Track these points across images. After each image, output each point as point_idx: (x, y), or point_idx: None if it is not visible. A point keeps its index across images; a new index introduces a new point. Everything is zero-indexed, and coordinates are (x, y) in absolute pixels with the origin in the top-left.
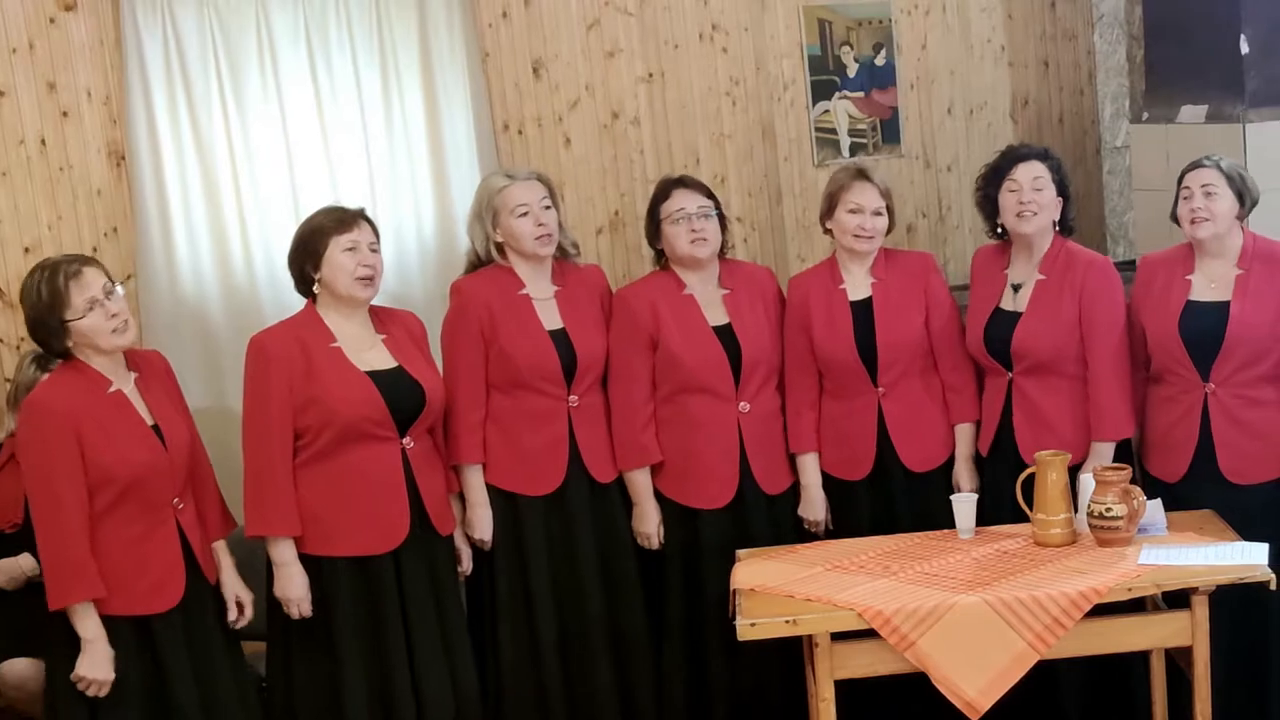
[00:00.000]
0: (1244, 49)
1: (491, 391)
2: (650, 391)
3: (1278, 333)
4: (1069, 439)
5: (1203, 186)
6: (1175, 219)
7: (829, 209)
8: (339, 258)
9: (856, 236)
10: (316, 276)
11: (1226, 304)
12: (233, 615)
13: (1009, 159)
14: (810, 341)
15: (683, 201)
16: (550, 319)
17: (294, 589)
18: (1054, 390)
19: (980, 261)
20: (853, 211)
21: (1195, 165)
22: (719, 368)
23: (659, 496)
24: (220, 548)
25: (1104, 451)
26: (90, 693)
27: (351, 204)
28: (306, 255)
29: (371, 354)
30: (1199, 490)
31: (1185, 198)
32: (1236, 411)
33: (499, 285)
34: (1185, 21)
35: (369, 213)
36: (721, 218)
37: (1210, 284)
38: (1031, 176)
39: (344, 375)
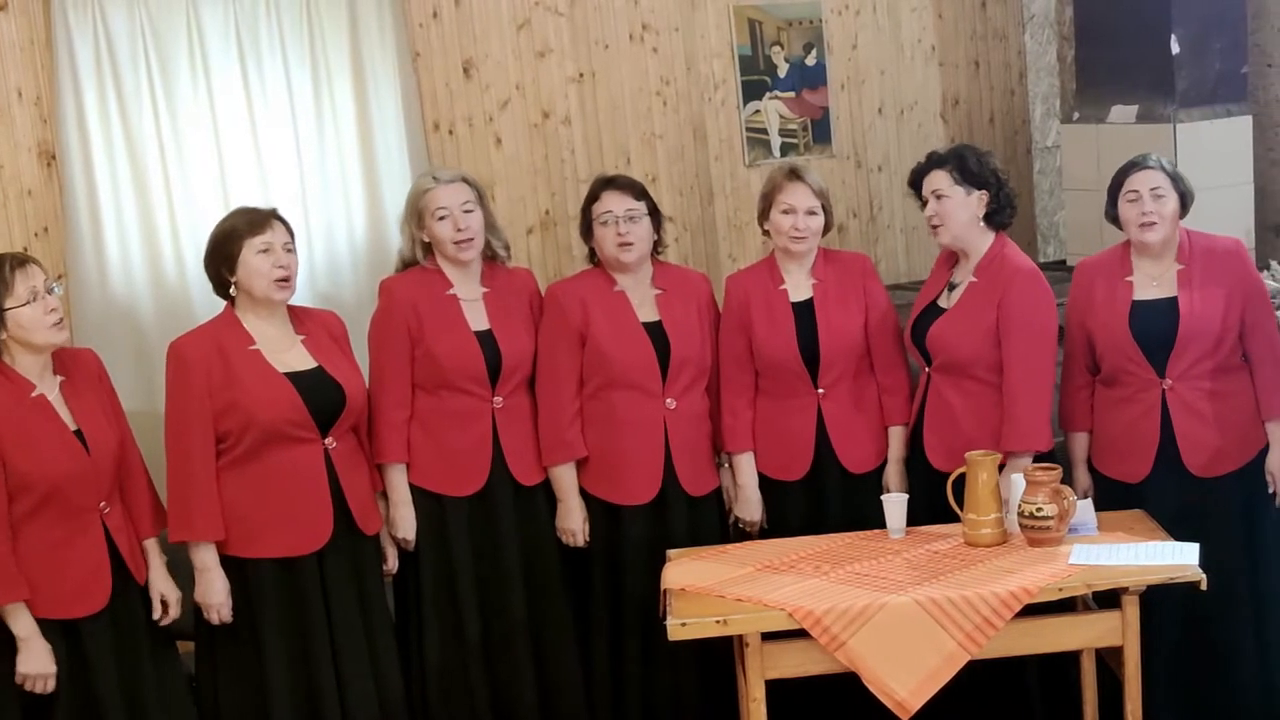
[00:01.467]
0: (1174, 49)
1: (417, 391)
2: (577, 388)
3: (1228, 322)
4: (975, 443)
5: (1152, 189)
6: (1113, 219)
7: (764, 210)
8: (253, 260)
9: (792, 238)
10: (233, 280)
11: (1174, 300)
12: (157, 613)
13: (919, 170)
14: (749, 342)
15: (610, 204)
16: (477, 320)
17: (214, 594)
18: (965, 393)
19: (940, 258)
20: (786, 212)
21: (1139, 166)
22: (647, 363)
23: (584, 494)
24: (151, 546)
25: (1020, 464)
26: (36, 689)
27: (266, 204)
28: (221, 259)
29: (291, 355)
30: (1164, 488)
31: (1132, 200)
32: (1196, 405)
33: (427, 285)
34: (1116, 22)
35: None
36: (657, 217)
37: (1153, 282)
38: (931, 189)
39: (263, 378)
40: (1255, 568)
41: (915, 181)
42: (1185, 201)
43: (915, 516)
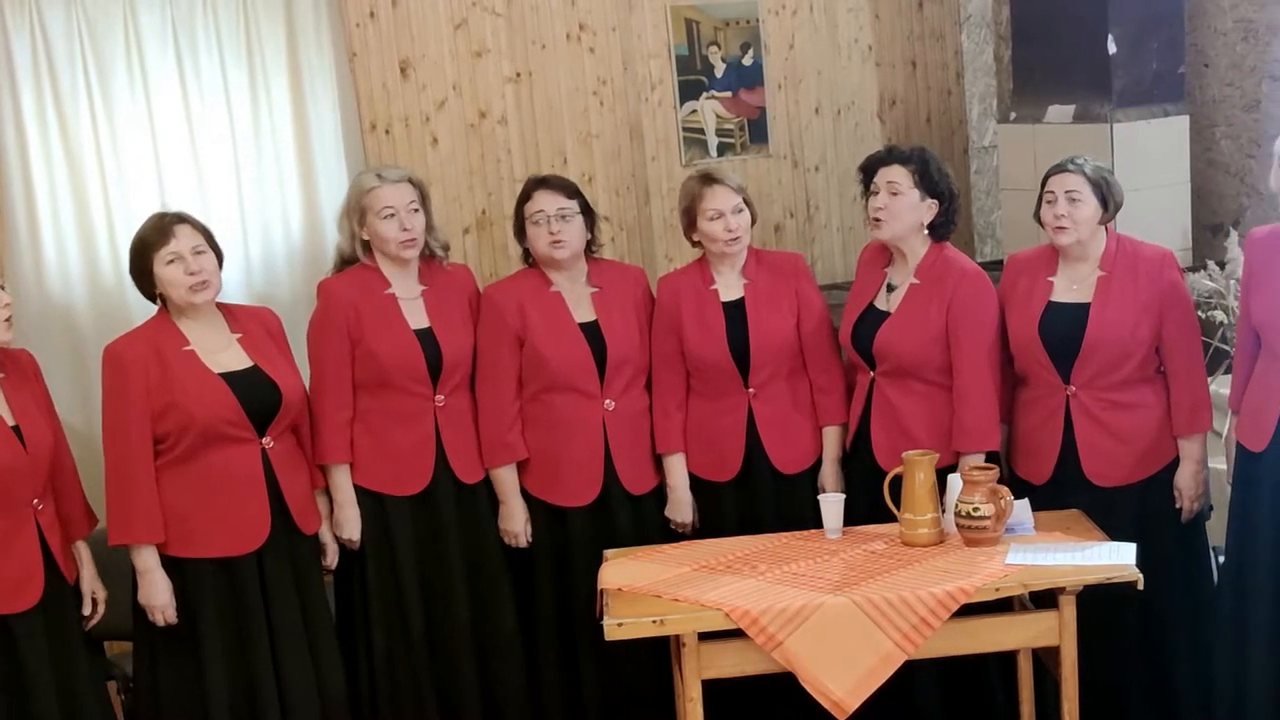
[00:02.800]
0: (1111, 49)
1: (358, 391)
2: (517, 390)
3: (1139, 336)
4: (925, 445)
5: (1067, 193)
6: (1039, 220)
7: (690, 222)
8: (164, 272)
9: (727, 241)
10: (157, 291)
11: (1087, 306)
12: (87, 610)
13: (871, 162)
14: (680, 342)
15: (542, 203)
16: (416, 319)
17: (158, 596)
18: (912, 394)
19: (865, 258)
20: (714, 218)
21: (1060, 169)
22: (584, 365)
23: (526, 495)
24: (81, 547)
25: (972, 463)
26: None
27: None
28: (138, 273)
29: (226, 355)
30: (1064, 493)
31: (1049, 202)
32: (1098, 414)
33: (365, 285)
34: (1052, 22)
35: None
36: (590, 216)
37: (1072, 286)
38: (886, 180)
39: (198, 378)
40: (1151, 579)
41: (870, 169)
42: (1108, 205)
43: (858, 516)
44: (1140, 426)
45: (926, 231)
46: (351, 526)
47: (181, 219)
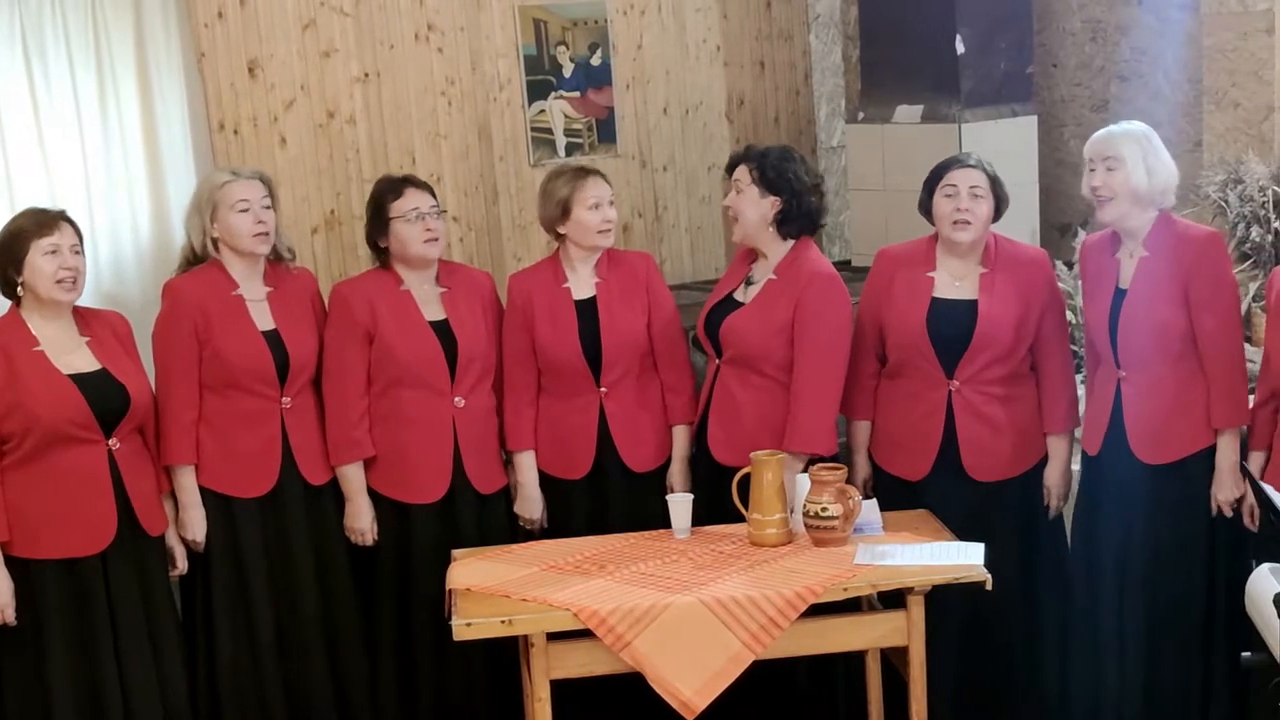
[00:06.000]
0: (959, 49)
1: (204, 392)
2: (365, 387)
3: (1022, 332)
4: (756, 439)
5: (971, 188)
6: (926, 212)
7: (563, 213)
8: (39, 261)
9: (602, 231)
10: (19, 280)
11: (974, 302)
12: None
13: (732, 163)
14: (532, 340)
15: (416, 201)
16: (263, 320)
17: None
18: (751, 387)
19: (739, 256)
20: (593, 207)
21: (961, 163)
22: (434, 362)
23: (372, 493)
24: None
25: (794, 464)
26: None
27: (52, 203)
28: (8, 259)
29: (75, 356)
30: (942, 488)
31: (949, 195)
32: (980, 408)
33: (212, 285)
34: (901, 22)
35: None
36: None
37: (955, 282)
38: (734, 179)
39: (46, 379)
40: (1031, 574)
41: (730, 168)
42: (1000, 207)
43: (696, 513)
44: (1018, 421)
45: (774, 229)
46: (196, 528)
47: (66, 217)
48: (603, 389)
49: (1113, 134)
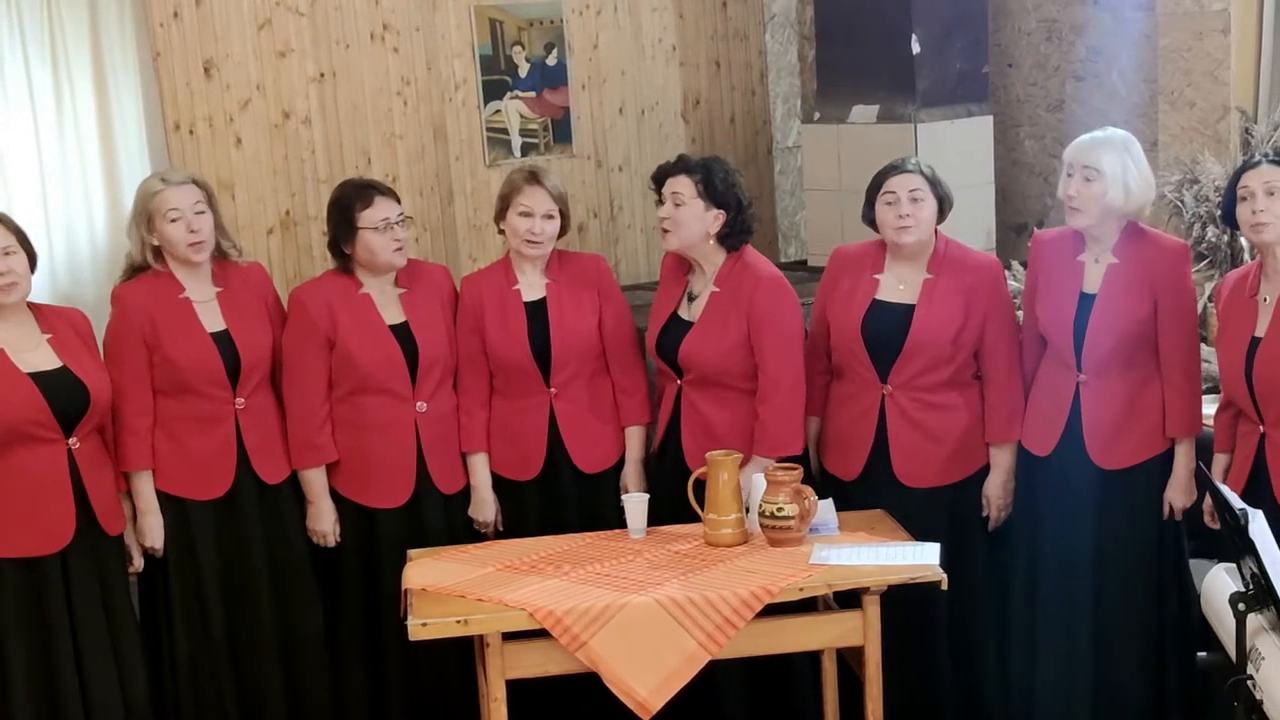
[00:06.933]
0: (915, 49)
1: (158, 397)
2: (326, 392)
3: (962, 340)
4: (733, 449)
5: (910, 192)
6: (869, 221)
7: (502, 210)
8: None
9: (527, 241)
10: None
11: (912, 307)
12: None
13: (660, 173)
14: (483, 342)
15: (386, 210)
16: (212, 321)
17: None
18: (721, 402)
19: (667, 267)
20: (523, 215)
21: (897, 169)
22: (395, 367)
23: (335, 495)
24: None
25: (763, 464)
26: None
27: (9, 204)
28: None
29: (35, 354)
30: (872, 490)
31: (889, 203)
32: (912, 414)
33: (159, 291)
34: (856, 22)
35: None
36: None
37: (899, 285)
38: (671, 191)
39: (6, 377)
40: (958, 580)
41: (660, 179)
42: (944, 206)
43: (660, 517)
44: (951, 430)
45: (715, 241)
46: (154, 535)
47: (2, 218)
48: (553, 390)
49: (1096, 142)
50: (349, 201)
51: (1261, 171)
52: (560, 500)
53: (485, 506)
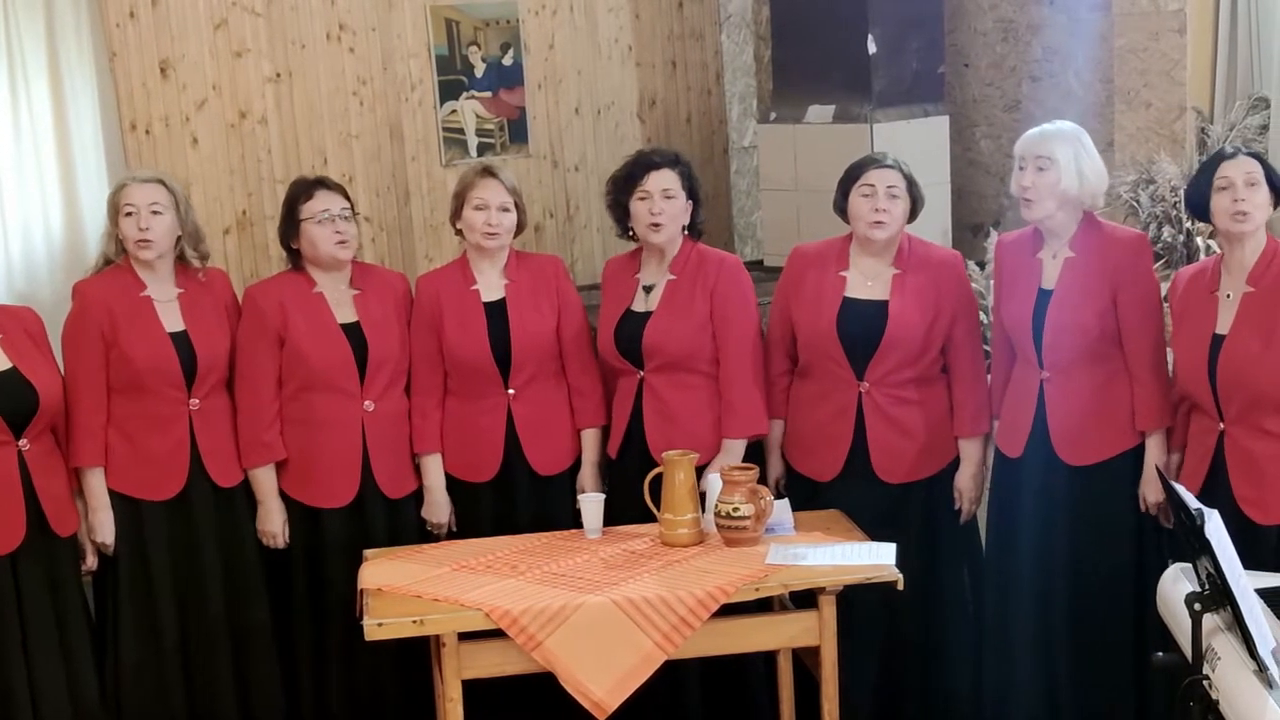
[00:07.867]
0: (871, 49)
1: (112, 395)
2: (276, 390)
3: (933, 335)
4: (700, 436)
5: (889, 188)
6: (840, 211)
7: (458, 208)
8: None
9: (485, 234)
10: None
11: (885, 303)
12: None
13: (640, 166)
14: (440, 342)
15: (326, 203)
16: (171, 321)
17: None
18: (685, 387)
19: (611, 271)
20: (479, 208)
21: (878, 163)
22: (345, 364)
23: (284, 496)
24: None
25: (734, 449)
26: None
27: None
28: None
29: None
30: (851, 489)
31: (865, 195)
32: (890, 411)
33: (120, 287)
34: (812, 22)
35: None
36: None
37: (868, 282)
38: (661, 187)
39: None
40: (937, 576)
41: (641, 173)
42: (915, 208)
43: (626, 517)
44: (928, 423)
45: (683, 233)
46: (105, 531)
47: None
48: (511, 391)
49: (1046, 134)
50: (293, 195)
51: (1241, 162)
52: (514, 502)
53: (439, 508)
